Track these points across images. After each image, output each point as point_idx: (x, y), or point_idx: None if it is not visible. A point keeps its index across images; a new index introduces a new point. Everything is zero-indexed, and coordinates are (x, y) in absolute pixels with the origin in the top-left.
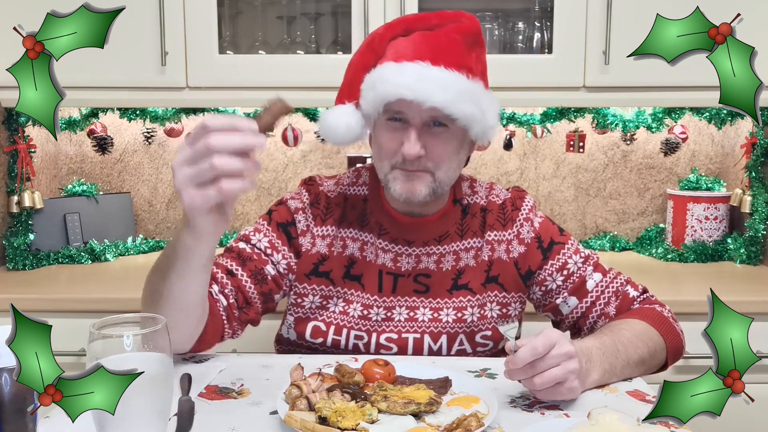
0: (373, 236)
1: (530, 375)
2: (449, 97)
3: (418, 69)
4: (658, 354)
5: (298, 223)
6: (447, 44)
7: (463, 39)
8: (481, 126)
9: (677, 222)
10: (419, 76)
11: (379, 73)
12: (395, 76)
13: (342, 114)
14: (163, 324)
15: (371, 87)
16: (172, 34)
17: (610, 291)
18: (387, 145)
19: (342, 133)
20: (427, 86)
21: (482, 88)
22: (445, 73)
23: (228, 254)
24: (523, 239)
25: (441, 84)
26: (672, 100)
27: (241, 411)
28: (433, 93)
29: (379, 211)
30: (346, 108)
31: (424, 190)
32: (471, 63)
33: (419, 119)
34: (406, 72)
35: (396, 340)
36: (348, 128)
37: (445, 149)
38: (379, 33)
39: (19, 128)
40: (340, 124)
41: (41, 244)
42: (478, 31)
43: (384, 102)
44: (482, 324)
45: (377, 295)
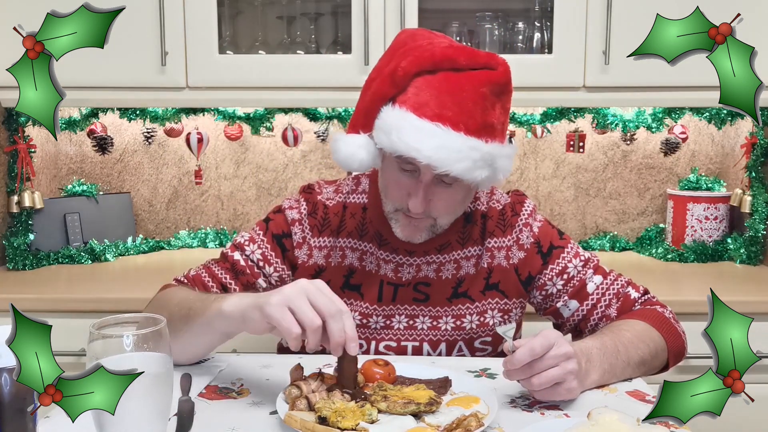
0: (374, 246)
1: (528, 375)
2: (464, 166)
3: (438, 135)
4: (659, 355)
5: (294, 235)
6: (472, 101)
7: (490, 92)
8: (491, 182)
9: (677, 222)
10: (437, 144)
11: (398, 122)
12: (413, 135)
13: (356, 146)
14: (163, 324)
15: (387, 132)
16: (172, 34)
17: (611, 293)
18: (394, 190)
19: (355, 166)
20: (445, 156)
21: (499, 148)
22: (463, 140)
23: (223, 264)
24: (522, 245)
25: (458, 154)
26: (672, 100)
27: (241, 411)
28: (449, 163)
29: (378, 220)
30: (361, 139)
31: (424, 234)
32: (493, 119)
33: (429, 176)
34: (424, 134)
35: (395, 348)
36: (361, 163)
37: (451, 202)
38: (403, 66)
39: (19, 128)
40: (355, 156)
41: (41, 244)
42: (508, 81)
43: (398, 153)
44: (481, 331)
45: (376, 305)
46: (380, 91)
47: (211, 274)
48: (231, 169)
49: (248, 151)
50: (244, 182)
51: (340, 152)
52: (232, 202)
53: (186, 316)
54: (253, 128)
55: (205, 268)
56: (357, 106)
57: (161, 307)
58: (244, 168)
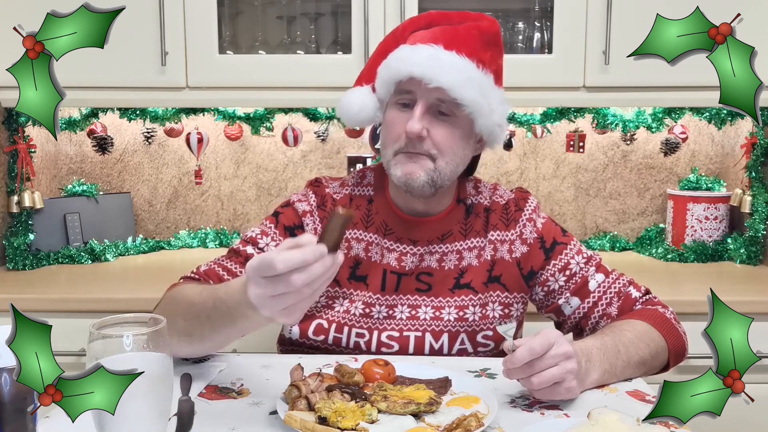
0: (378, 236)
1: (528, 375)
2: (456, 78)
3: (430, 50)
4: (659, 355)
5: (306, 226)
6: (463, 36)
7: (480, 35)
8: (487, 120)
9: (677, 222)
10: (430, 56)
11: (395, 54)
12: (408, 55)
13: (358, 95)
14: (163, 324)
15: (386, 67)
16: (172, 34)
17: (612, 292)
18: (393, 127)
19: (355, 112)
20: (437, 66)
21: (492, 83)
22: (456, 57)
23: (235, 258)
24: (525, 239)
25: (450, 66)
26: (672, 100)
27: (241, 411)
28: (441, 73)
29: (384, 210)
30: (363, 89)
31: (423, 176)
32: (484, 58)
33: (426, 100)
34: (419, 52)
35: (397, 338)
36: (362, 108)
37: (449, 136)
38: (403, 25)
39: (19, 128)
40: (355, 103)
41: (41, 244)
42: (496, 32)
43: (395, 81)
44: (483, 324)
45: (380, 294)
46: (383, 48)
47: (225, 268)
48: (231, 169)
49: (248, 151)
50: (244, 182)
51: (342, 101)
52: (232, 202)
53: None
54: (253, 128)
55: (216, 264)
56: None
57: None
58: (244, 168)
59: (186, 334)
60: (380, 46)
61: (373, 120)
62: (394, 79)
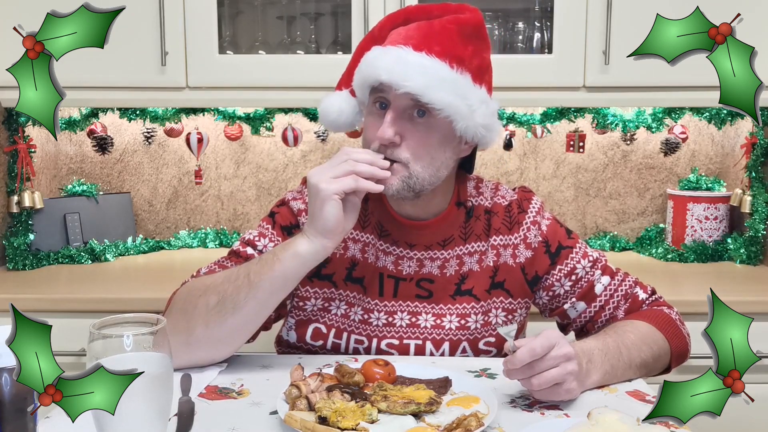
0: (374, 237)
1: (528, 376)
2: (425, 82)
3: (398, 52)
4: (661, 358)
5: (302, 225)
6: (438, 33)
7: (458, 29)
8: (468, 122)
9: (677, 222)
10: (398, 59)
11: (366, 57)
12: (377, 59)
13: (336, 99)
14: (163, 324)
15: (358, 71)
16: (172, 34)
17: (619, 294)
18: (368, 131)
19: (333, 118)
20: (404, 70)
21: (469, 82)
22: (425, 59)
23: (236, 259)
24: (530, 243)
25: (419, 69)
26: (672, 100)
27: (241, 411)
28: (409, 77)
29: (379, 210)
30: (342, 94)
31: (396, 183)
32: (463, 54)
33: (398, 105)
34: (387, 55)
35: (397, 345)
36: (340, 113)
37: (424, 141)
38: (381, 23)
39: (19, 128)
40: (333, 109)
41: (41, 244)
42: (478, 24)
43: (367, 85)
44: (485, 331)
45: (378, 299)
46: (361, 49)
47: (227, 269)
48: (231, 169)
49: (248, 151)
50: (244, 182)
51: (321, 106)
52: (232, 202)
53: (247, 282)
54: (253, 128)
55: (218, 265)
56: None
57: (196, 297)
58: (244, 168)
59: (217, 310)
60: (358, 47)
61: (353, 124)
62: (367, 84)
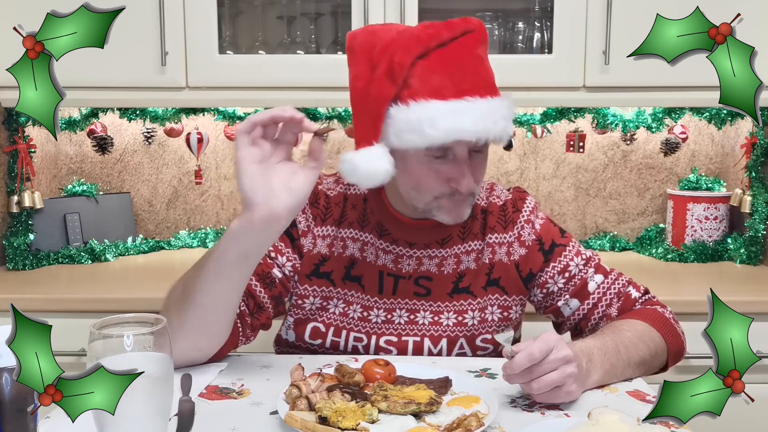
0: (374, 236)
1: (528, 380)
2: (501, 126)
3: (469, 107)
4: (659, 355)
5: (299, 224)
6: (475, 65)
7: (482, 52)
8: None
9: (677, 222)
10: (474, 117)
11: (424, 115)
12: (449, 119)
13: (376, 158)
14: (163, 324)
15: (414, 130)
16: (172, 34)
17: (612, 293)
18: (432, 182)
19: (380, 179)
20: (483, 125)
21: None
22: (489, 103)
23: None
24: (524, 241)
25: (492, 116)
26: (672, 100)
27: (242, 411)
28: (488, 129)
29: (379, 210)
30: (378, 150)
31: (468, 210)
32: (492, 75)
33: (462, 151)
34: (459, 113)
35: (396, 343)
36: (386, 173)
37: (483, 169)
38: (397, 61)
39: (19, 128)
40: (378, 169)
41: (41, 244)
42: (487, 36)
43: (438, 145)
44: (483, 327)
45: (377, 297)
46: (381, 94)
47: None
48: (231, 169)
49: None
50: None
51: (359, 169)
52: (232, 202)
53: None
54: None
55: None
56: (357, 121)
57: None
58: None
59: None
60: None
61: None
62: (434, 144)
